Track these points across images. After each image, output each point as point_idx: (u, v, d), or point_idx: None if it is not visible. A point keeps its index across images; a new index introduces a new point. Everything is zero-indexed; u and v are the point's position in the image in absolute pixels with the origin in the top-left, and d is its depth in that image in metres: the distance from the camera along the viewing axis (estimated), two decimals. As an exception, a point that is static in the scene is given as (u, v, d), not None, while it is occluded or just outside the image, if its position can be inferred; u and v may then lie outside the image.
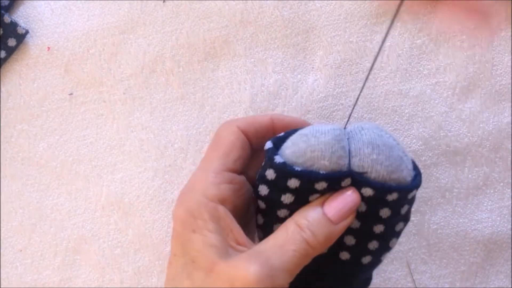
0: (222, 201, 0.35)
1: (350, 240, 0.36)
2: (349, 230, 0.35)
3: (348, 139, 0.34)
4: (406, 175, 0.34)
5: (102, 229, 0.44)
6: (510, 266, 0.45)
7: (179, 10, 0.45)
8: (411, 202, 0.36)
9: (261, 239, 0.36)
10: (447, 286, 0.44)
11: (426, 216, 0.45)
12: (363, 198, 0.34)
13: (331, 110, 0.44)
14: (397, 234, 0.37)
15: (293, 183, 0.33)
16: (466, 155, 0.45)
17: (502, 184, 0.45)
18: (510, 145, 0.45)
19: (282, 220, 0.35)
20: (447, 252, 0.45)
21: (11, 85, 0.44)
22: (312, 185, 0.33)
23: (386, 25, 0.45)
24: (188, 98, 0.45)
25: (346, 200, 0.34)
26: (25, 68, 0.44)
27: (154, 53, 0.44)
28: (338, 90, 0.45)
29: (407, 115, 0.45)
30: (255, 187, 0.36)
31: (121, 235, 0.44)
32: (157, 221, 0.44)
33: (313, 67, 0.45)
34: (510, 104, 0.45)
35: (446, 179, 0.45)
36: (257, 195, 0.36)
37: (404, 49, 0.45)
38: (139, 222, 0.44)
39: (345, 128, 0.35)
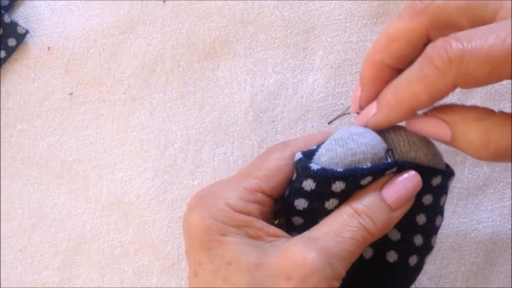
0: (248, 215, 0.32)
1: (395, 235, 0.34)
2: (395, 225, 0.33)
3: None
4: (443, 162, 0.34)
5: (102, 229, 0.44)
6: (510, 266, 0.44)
7: (179, 10, 0.45)
8: (447, 192, 0.35)
9: None
10: (447, 286, 0.44)
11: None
12: None
13: (331, 110, 0.44)
14: (437, 230, 0.35)
15: (338, 186, 0.31)
16: (466, 155, 0.45)
17: (502, 184, 0.45)
18: (510, 145, 0.45)
19: None
20: (447, 252, 0.45)
21: (11, 85, 0.44)
22: (358, 182, 0.32)
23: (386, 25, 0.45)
24: (188, 98, 0.45)
25: (407, 184, 0.32)
26: (25, 68, 0.44)
27: (154, 53, 0.44)
28: (338, 90, 0.45)
29: (407, 115, 0.45)
30: (287, 204, 0.33)
31: (121, 235, 0.44)
32: (157, 221, 0.44)
33: (313, 67, 0.45)
34: (510, 104, 0.45)
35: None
36: (291, 212, 0.33)
37: (404, 49, 0.45)
38: (139, 222, 0.44)
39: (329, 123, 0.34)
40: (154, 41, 0.44)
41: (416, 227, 0.34)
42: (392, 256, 0.34)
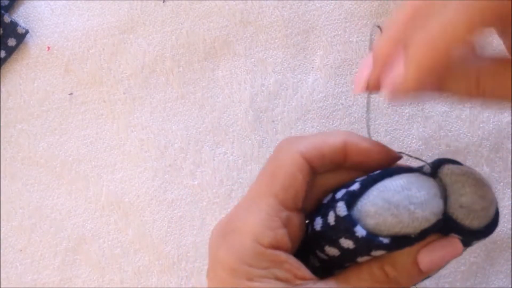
0: (278, 247, 0.29)
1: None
2: None
3: (444, 189, 0.30)
4: (493, 218, 0.31)
5: (102, 229, 0.44)
6: (510, 266, 0.44)
7: (179, 10, 0.45)
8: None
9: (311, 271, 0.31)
10: (447, 286, 0.44)
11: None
12: None
13: (331, 110, 0.44)
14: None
15: (378, 252, 0.29)
16: (466, 155, 0.45)
17: (502, 184, 0.45)
18: (510, 145, 0.45)
19: (347, 267, 0.31)
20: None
21: (11, 85, 0.44)
22: (401, 248, 0.29)
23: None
24: (188, 98, 0.45)
25: (446, 254, 0.29)
26: (25, 68, 0.44)
27: (154, 53, 0.44)
28: (338, 90, 0.45)
29: (407, 115, 0.44)
30: (315, 240, 0.31)
31: (121, 235, 0.44)
32: (157, 221, 0.44)
33: (313, 67, 0.45)
34: (510, 104, 0.45)
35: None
36: (318, 249, 0.31)
37: (404, 49, 0.45)
38: (139, 222, 0.44)
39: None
40: (154, 41, 0.44)
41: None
42: None
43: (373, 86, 0.30)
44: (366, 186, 0.29)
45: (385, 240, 0.28)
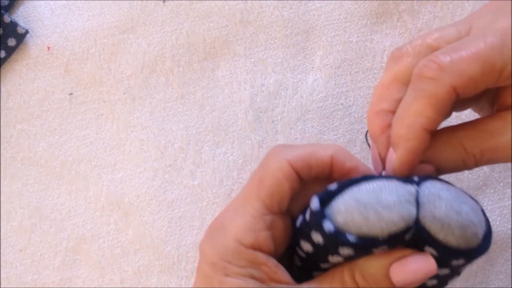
0: (259, 249, 0.31)
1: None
2: None
3: (417, 202, 0.29)
4: (478, 240, 0.30)
5: (102, 229, 0.44)
6: (510, 266, 0.44)
7: (179, 10, 0.45)
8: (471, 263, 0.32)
9: (294, 274, 0.33)
10: (447, 286, 0.44)
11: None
12: None
13: (331, 110, 0.44)
14: (446, 284, 0.33)
15: (345, 251, 0.29)
16: (466, 155, 0.45)
17: (502, 184, 0.45)
18: (510, 145, 0.45)
19: (325, 270, 0.32)
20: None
21: (11, 85, 0.44)
22: (370, 251, 0.30)
23: (386, 25, 0.45)
24: (188, 98, 0.45)
25: (419, 270, 0.29)
26: (25, 68, 0.44)
27: (154, 53, 0.44)
28: (338, 90, 0.45)
29: (407, 115, 0.44)
30: (295, 237, 0.32)
31: (121, 235, 0.44)
32: (157, 221, 0.44)
33: (313, 67, 0.45)
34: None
35: (446, 179, 0.45)
36: (297, 246, 0.32)
37: (404, 49, 0.45)
38: (139, 222, 0.44)
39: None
40: (154, 41, 0.44)
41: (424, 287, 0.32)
42: None
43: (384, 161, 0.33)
44: (343, 187, 0.30)
45: (351, 238, 0.29)
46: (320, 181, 0.33)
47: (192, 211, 0.44)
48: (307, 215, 0.31)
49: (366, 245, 0.29)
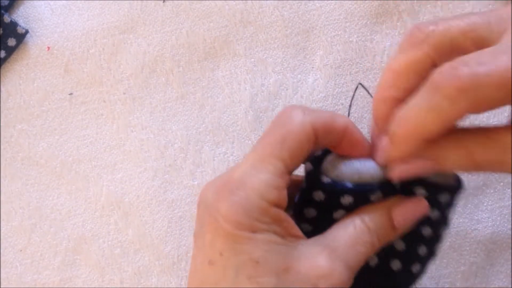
0: (280, 206, 0.31)
1: (400, 245, 0.34)
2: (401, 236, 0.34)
3: None
4: (453, 176, 0.34)
5: (102, 229, 0.44)
6: (510, 266, 0.44)
7: (179, 10, 0.45)
8: (455, 204, 0.35)
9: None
10: (447, 286, 0.44)
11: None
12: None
13: (331, 110, 0.44)
14: (441, 239, 0.36)
15: (346, 200, 0.32)
16: (466, 155, 0.45)
17: (502, 184, 0.45)
18: (510, 145, 0.45)
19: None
20: (447, 252, 0.45)
21: (11, 85, 0.44)
22: (368, 197, 0.32)
23: (386, 25, 0.45)
24: (188, 98, 0.45)
25: (416, 209, 0.32)
26: (25, 68, 0.44)
27: (154, 53, 0.44)
28: (338, 90, 0.45)
29: (407, 115, 0.45)
30: (296, 211, 0.34)
31: (121, 235, 0.44)
32: (157, 221, 0.44)
33: (313, 67, 0.45)
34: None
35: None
36: (300, 219, 0.34)
37: (404, 49, 0.45)
38: (139, 222, 0.44)
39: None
40: (154, 41, 0.44)
41: (421, 239, 0.34)
42: (395, 265, 0.34)
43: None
44: (325, 153, 0.33)
45: (349, 184, 0.32)
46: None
47: (192, 211, 0.44)
48: (303, 184, 0.34)
49: (363, 190, 0.32)
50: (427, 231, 0.34)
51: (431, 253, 0.35)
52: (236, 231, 0.30)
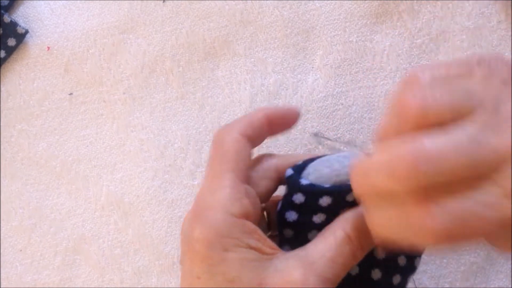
0: (246, 217, 0.32)
1: (380, 253, 0.35)
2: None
3: None
4: None
5: (102, 229, 0.44)
6: (510, 266, 0.44)
7: (179, 10, 0.45)
8: None
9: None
10: (447, 286, 0.44)
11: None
12: None
13: (331, 110, 0.44)
14: (421, 253, 0.36)
15: (324, 201, 0.33)
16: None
17: (502, 184, 0.45)
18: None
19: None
20: (447, 252, 0.45)
21: (11, 85, 0.44)
22: (344, 198, 0.33)
23: (386, 25, 0.45)
24: (188, 98, 0.45)
25: None
26: (25, 68, 0.44)
27: (154, 53, 0.44)
28: (338, 89, 0.45)
29: (407, 115, 0.44)
30: (279, 217, 0.34)
31: (121, 235, 0.44)
32: (157, 221, 0.44)
33: (313, 67, 0.45)
34: None
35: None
36: (282, 224, 0.34)
37: (404, 49, 0.45)
38: (139, 222, 0.44)
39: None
40: (154, 41, 0.44)
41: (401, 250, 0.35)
42: (376, 274, 0.35)
43: None
44: (307, 162, 0.35)
45: (326, 185, 0.33)
46: (275, 158, 0.37)
47: (192, 211, 0.44)
48: (285, 191, 0.35)
49: (340, 190, 0.33)
50: None
51: (411, 266, 0.35)
52: (209, 252, 0.31)
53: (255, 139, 0.36)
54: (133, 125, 0.44)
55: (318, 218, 0.34)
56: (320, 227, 0.34)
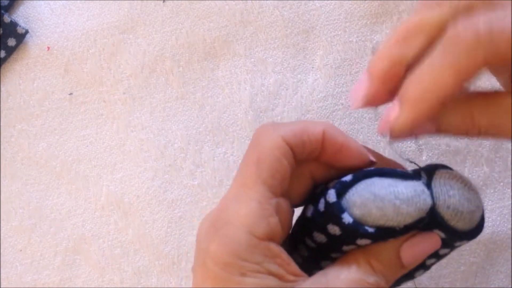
0: (272, 238, 0.29)
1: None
2: None
3: (431, 193, 0.31)
4: (478, 223, 0.32)
5: (102, 229, 0.44)
6: (510, 266, 0.44)
7: (179, 10, 0.45)
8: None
9: (299, 264, 0.31)
10: (447, 286, 0.44)
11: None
12: None
13: (331, 110, 0.44)
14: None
15: (363, 241, 0.30)
16: (466, 155, 0.45)
17: (502, 184, 0.45)
18: (510, 145, 0.45)
19: (334, 259, 0.31)
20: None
21: (11, 85, 0.44)
22: (386, 240, 0.30)
23: (386, 25, 0.45)
24: (188, 98, 0.45)
25: (427, 248, 0.30)
26: (25, 68, 0.44)
27: (154, 53, 0.44)
28: (338, 90, 0.45)
29: (407, 115, 0.44)
30: (302, 227, 0.32)
31: (121, 235, 0.44)
32: (157, 221, 0.44)
33: (313, 67, 0.45)
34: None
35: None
36: (306, 235, 0.31)
37: (404, 49, 0.45)
38: (139, 222, 0.44)
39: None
40: (154, 41, 0.44)
41: (424, 266, 0.33)
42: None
43: (370, 103, 0.31)
44: (357, 179, 0.30)
45: (370, 230, 0.29)
46: (311, 161, 0.32)
47: (192, 211, 0.44)
48: (321, 206, 0.31)
49: (384, 236, 0.30)
50: (432, 261, 0.33)
51: (425, 270, 0.34)
52: (224, 274, 0.28)
53: (300, 149, 0.31)
54: (133, 125, 0.44)
55: (348, 249, 0.31)
56: (343, 253, 0.31)
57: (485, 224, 0.45)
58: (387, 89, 0.30)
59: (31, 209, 0.44)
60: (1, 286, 0.44)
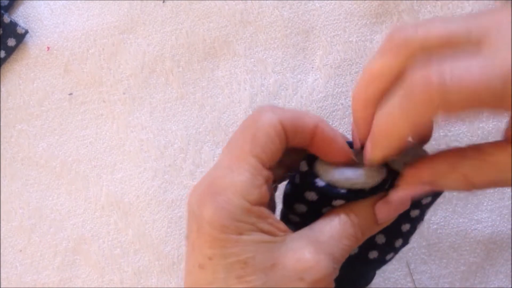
0: (262, 204, 0.32)
1: (381, 239, 0.36)
2: (382, 230, 0.35)
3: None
4: None
5: (102, 229, 0.44)
6: (510, 266, 0.44)
7: (179, 10, 0.45)
8: (434, 203, 0.37)
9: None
10: (447, 286, 0.44)
11: (426, 216, 0.45)
12: None
13: (331, 110, 0.44)
14: (415, 231, 0.38)
15: (338, 202, 0.34)
16: (466, 155, 0.45)
17: (502, 184, 0.45)
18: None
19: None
20: (447, 252, 0.45)
21: (11, 85, 0.44)
22: (358, 199, 0.34)
23: (386, 25, 0.45)
24: (188, 98, 0.45)
25: (399, 206, 0.34)
26: (24, 68, 0.44)
27: (153, 53, 0.44)
28: (337, 90, 0.45)
29: (407, 115, 0.45)
30: (286, 203, 0.35)
31: (121, 235, 0.44)
32: (157, 221, 0.44)
33: (312, 67, 0.45)
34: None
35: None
36: (289, 211, 0.35)
37: (404, 49, 0.45)
38: (139, 222, 0.44)
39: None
40: (154, 41, 0.44)
41: (400, 233, 0.36)
42: (373, 254, 0.36)
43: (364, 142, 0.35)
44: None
45: (342, 191, 0.33)
46: (298, 150, 0.35)
47: (192, 211, 0.44)
48: (296, 179, 0.35)
49: (355, 196, 0.33)
50: (406, 227, 0.36)
51: (405, 243, 0.37)
52: (222, 235, 0.31)
53: (292, 135, 0.34)
54: (133, 125, 0.44)
55: (327, 210, 0.34)
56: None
57: (485, 224, 0.45)
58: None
59: (31, 209, 0.44)
60: (1, 286, 0.44)
